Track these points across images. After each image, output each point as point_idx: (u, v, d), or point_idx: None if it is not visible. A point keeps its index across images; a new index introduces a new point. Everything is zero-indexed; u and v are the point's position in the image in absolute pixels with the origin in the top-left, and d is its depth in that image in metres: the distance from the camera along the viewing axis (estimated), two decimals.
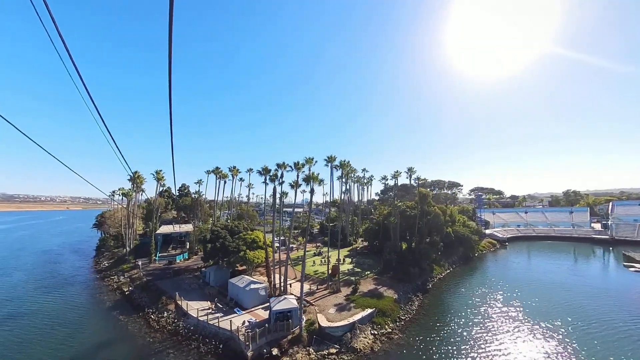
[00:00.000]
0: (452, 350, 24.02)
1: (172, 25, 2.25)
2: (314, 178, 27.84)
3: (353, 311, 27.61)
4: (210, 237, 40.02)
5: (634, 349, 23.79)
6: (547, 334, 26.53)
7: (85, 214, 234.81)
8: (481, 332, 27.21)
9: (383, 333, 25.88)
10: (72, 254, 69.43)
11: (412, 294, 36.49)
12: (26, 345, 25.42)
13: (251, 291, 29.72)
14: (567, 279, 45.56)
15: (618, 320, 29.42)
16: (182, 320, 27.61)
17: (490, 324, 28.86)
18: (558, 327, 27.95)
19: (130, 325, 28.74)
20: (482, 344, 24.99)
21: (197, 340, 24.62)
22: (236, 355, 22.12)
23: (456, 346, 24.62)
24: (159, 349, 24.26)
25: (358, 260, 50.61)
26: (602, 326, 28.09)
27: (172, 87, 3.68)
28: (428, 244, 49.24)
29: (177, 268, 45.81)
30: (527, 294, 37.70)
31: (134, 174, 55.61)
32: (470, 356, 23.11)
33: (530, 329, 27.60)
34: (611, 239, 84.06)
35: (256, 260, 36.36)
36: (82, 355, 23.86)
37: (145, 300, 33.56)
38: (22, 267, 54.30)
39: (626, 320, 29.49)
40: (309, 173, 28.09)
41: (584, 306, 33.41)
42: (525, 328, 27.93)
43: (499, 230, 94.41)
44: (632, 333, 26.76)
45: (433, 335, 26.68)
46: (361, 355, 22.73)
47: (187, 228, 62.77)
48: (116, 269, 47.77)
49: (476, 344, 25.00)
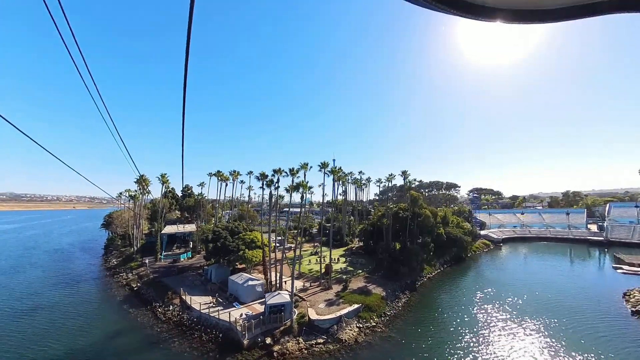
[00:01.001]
0: (432, 342, 26.47)
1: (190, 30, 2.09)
2: (304, 186, 30.54)
3: (341, 306, 30.24)
4: (212, 237, 42.87)
5: (597, 344, 25.83)
6: (520, 330, 28.70)
7: (91, 214, 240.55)
8: (461, 327, 29.61)
9: (368, 326, 28.43)
10: (82, 252, 73.01)
11: (399, 291, 38.96)
12: (46, 335, 28.42)
13: (249, 287, 32.50)
14: (553, 279, 47.36)
15: (591, 318, 31.27)
16: (186, 313, 30.53)
17: (471, 320, 31.24)
18: (532, 323, 30.08)
19: (140, 317, 31.74)
20: (460, 337, 27.39)
21: (200, 330, 27.51)
22: (234, 344, 24.89)
23: (436, 339, 27.07)
24: (166, 338, 27.18)
25: (352, 260, 53.18)
26: (573, 323, 30.02)
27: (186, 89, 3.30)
28: (419, 245, 51.62)
29: (182, 266, 48.88)
30: (511, 293, 39.85)
31: (140, 177, 58.73)
32: (447, 348, 25.55)
33: (505, 325, 29.91)
34: (606, 240, 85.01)
35: (254, 259, 39.14)
36: (98, 343, 26.80)
37: (152, 295, 36.57)
38: (37, 265, 57.84)
39: (597, 318, 31.41)
40: (299, 180, 30.76)
41: (562, 305, 35.17)
42: (501, 324, 30.25)
43: (494, 231, 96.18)
44: (598, 329, 28.82)
45: (415, 329, 29.19)
46: (345, 345, 25.33)
47: (191, 228, 65.76)
48: (125, 266, 50.93)
49: (455, 337, 27.39)
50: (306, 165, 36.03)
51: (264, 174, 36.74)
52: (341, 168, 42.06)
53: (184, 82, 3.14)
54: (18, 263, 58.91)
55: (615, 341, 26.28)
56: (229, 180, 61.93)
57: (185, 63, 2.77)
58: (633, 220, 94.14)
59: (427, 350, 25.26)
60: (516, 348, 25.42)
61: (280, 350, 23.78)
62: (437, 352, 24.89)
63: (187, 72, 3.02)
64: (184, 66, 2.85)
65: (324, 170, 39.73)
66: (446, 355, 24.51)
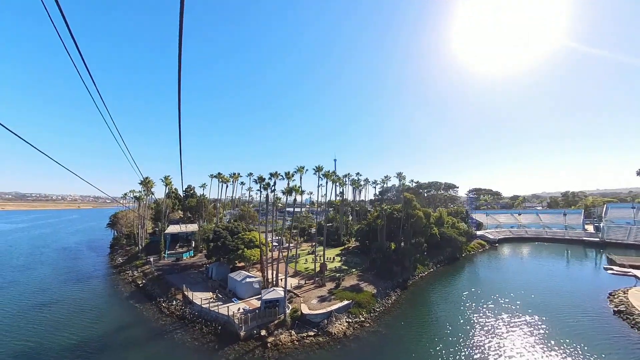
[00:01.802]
0: (416, 337, 28.45)
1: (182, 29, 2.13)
2: (297, 190, 32.56)
3: (332, 302, 32.25)
4: (213, 237, 45.10)
5: (575, 340, 27.10)
6: (501, 326, 30.32)
7: (96, 213, 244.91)
8: (445, 323, 31.46)
9: (356, 321, 30.41)
10: (89, 250, 75.78)
11: (390, 289, 40.85)
12: (60, 326, 30.77)
13: (246, 284, 34.65)
14: (541, 279, 48.51)
15: (573, 317, 32.50)
16: (188, 308, 32.76)
17: (455, 317, 33.03)
18: (514, 320, 31.67)
19: (145, 311, 34.06)
20: (443, 332, 29.30)
21: (200, 323, 29.73)
22: (231, 335, 27.04)
23: (420, 334, 29.02)
24: (169, 330, 29.43)
25: (347, 259, 55.13)
26: (554, 321, 31.41)
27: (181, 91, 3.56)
28: (411, 245, 53.44)
29: (184, 264, 51.23)
30: (498, 292, 41.42)
31: (145, 179, 61.22)
32: (430, 342, 27.41)
33: (487, 321, 31.67)
34: (601, 241, 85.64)
35: (252, 257, 41.29)
36: (107, 334, 29.09)
37: (156, 291, 38.91)
38: (48, 262, 60.61)
39: (579, 317, 32.64)
40: (294, 185, 32.76)
41: (547, 304, 36.35)
42: (483, 320, 32.03)
43: (491, 232, 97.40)
44: (578, 327, 30.17)
45: (402, 324, 31.11)
46: (334, 338, 27.34)
47: (193, 228, 68.11)
48: (130, 264, 53.41)
49: (438, 333, 29.31)
50: (302, 169, 38.06)
51: (261, 177, 38.88)
52: (335, 172, 44.02)
53: (178, 86, 3.43)
54: (30, 261, 61.74)
55: (592, 338, 27.53)
56: (229, 182, 64.10)
57: (178, 68, 3.13)
58: (630, 221, 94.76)
59: (411, 343, 27.20)
60: (494, 343, 27.07)
61: (274, 342, 25.87)
62: (420, 345, 26.80)
63: (181, 74, 3.35)
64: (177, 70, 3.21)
65: (318, 173, 41.78)
66: (428, 348, 26.39)
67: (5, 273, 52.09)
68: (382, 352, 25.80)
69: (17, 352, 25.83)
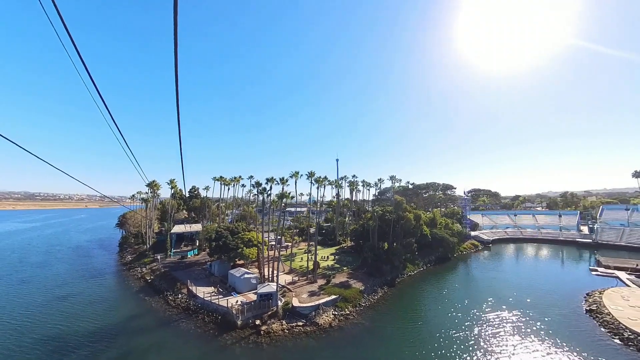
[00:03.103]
0: (396, 329, 31.52)
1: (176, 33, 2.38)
2: (287, 195, 36.00)
3: (321, 297, 35.62)
4: (215, 236, 48.71)
5: (542, 336, 29.50)
6: (474, 322, 32.75)
7: (103, 212, 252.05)
8: (425, 317, 34.65)
9: (342, 314, 33.72)
10: (99, 249, 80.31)
11: (378, 287, 44.02)
12: (78, 316, 34.63)
13: (245, 279, 38.23)
14: (526, 279, 50.35)
15: (545, 315, 34.09)
16: (192, 300, 36.50)
17: (434, 312, 36.15)
18: (489, 316, 34.16)
19: (153, 304, 37.91)
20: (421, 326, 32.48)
21: (203, 314, 33.44)
22: (230, 324, 30.62)
23: (400, 327, 32.12)
24: (175, 320, 33.17)
25: (341, 258, 58.41)
26: (526, 318, 33.49)
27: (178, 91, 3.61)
28: (402, 245, 56.47)
29: (189, 262, 55.11)
30: (480, 290, 44.21)
31: (151, 183, 65.35)
32: (407, 334, 30.56)
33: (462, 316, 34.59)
34: (594, 242, 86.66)
35: (251, 256, 44.84)
36: (120, 323, 32.88)
37: (164, 286, 42.77)
38: (63, 260, 65.10)
39: (552, 315, 34.38)
40: (285, 191, 36.26)
41: (524, 302, 38.27)
42: (460, 314, 35.02)
43: (486, 232, 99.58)
44: (548, 324, 32.15)
45: (384, 318, 34.24)
46: (321, 328, 30.71)
47: (197, 228, 71.99)
48: (139, 262, 57.44)
49: (416, 326, 32.43)
50: (297, 174, 41.50)
51: (258, 183, 42.52)
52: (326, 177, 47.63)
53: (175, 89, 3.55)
54: (47, 258, 66.35)
55: (559, 334, 29.61)
56: (230, 184, 67.83)
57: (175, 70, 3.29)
58: (624, 222, 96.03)
59: (390, 334, 30.40)
60: (464, 336, 29.78)
61: (267, 330, 29.37)
62: (398, 337, 29.95)
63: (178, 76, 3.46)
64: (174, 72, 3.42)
65: (311, 179, 45.19)
66: (405, 339, 29.54)
67: (27, 269, 56.63)
68: (362, 341, 29.04)
69: (47, 336, 29.78)
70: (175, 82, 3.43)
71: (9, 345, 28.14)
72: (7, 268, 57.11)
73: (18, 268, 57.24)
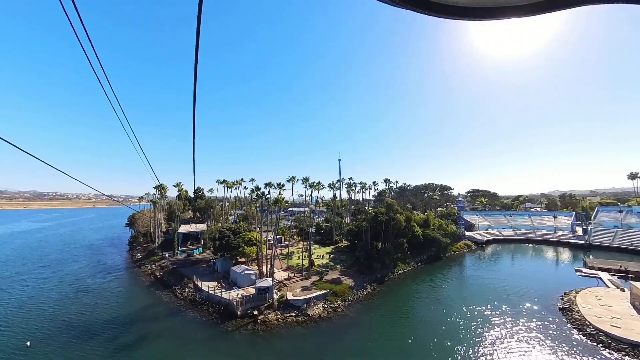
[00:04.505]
0: (378, 321, 35.18)
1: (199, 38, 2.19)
2: (281, 200, 39.90)
3: (313, 291, 39.49)
4: (218, 236, 52.90)
5: (512, 332, 33.07)
6: (451, 317, 35.29)
7: (112, 212, 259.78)
8: (407, 311, 38.16)
9: (331, 307, 37.50)
10: (110, 247, 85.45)
11: (368, 283, 47.63)
12: (97, 307, 39.08)
13: (245, 275, 42.32)
14: (509, 278, 52.24)
15: (519, 313, 36.02)
16: (197, 294, 40.78)
17: (417, 307, 39.64)
18: (466, 312, 36.80)
19: (163, 297, 42.28)
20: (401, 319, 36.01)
21: (207, 305, 37.71)
22: (231, 314, 34.74)
23: (382, 319, 35.77)
24: (183, 310, 37.45)
25: (336, 256, 62.19)
26: (501, 315, 35.73)
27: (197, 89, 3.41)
28: (393, 245, 59.97)
29: (194, 259, 59.52)
30: (463, 287, 47.23)
31: (160, 185, 69.98)
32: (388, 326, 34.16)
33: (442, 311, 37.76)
34: (586, 244, 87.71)
35: (251, 254, 48.94)
36: (133, 313, 37.21)
37: (172, 281, 47.18)
38: (78, 258, 70.21)
39: (526, 313, 36.14)
40: (277, 196, 40.27)
41: (503, 299, 40.41)
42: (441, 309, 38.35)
43: (480, 233, 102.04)
44: (520, 321, 34.79)
45: (369, 311, 37.85)
46: (311, 318, 34.58)
47: (202, 228, 76.40)
48: (148, 259, 62.08)
49: (397, 319, 35.95)
50: (293, 179, 45.43)
51: (257, 187, 46.61)
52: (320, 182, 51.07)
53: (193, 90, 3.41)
54: (63, 256, 71.55)
55: (530, 330, 31.98)
56: (233, 187, 72.10)
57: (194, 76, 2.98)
58: (618, 224, 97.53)
59: (373, 326, 34.05)
60: (440, 330, 32.32)
61: (263, 319, 33.39)
62: (380, 328, 33.58)
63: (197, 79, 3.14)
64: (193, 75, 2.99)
65: (306, 183, 49.01)
66: (386, 330, 33.20)
67: (48, 265, 61.76)
68: (347, 331, 32.79)
69: (74, 322, 34.31)
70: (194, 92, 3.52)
71: (46, 330, 32.63)
72: (30, 265, 62.34)
73: (40, 265, 62.43)
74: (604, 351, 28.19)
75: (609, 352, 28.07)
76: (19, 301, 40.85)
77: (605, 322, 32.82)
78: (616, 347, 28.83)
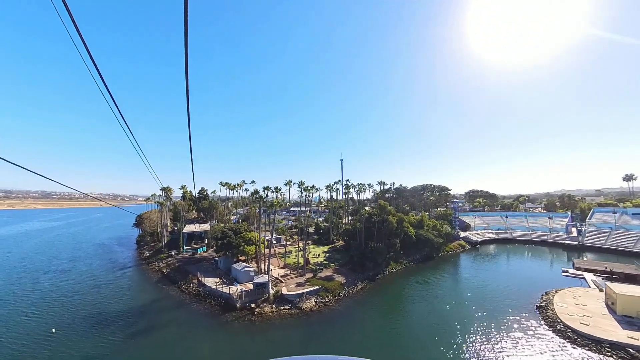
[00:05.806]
0: (365, 315, 38.40)
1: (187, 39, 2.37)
2: (276, 204, 43.43)
3: (306, 287, 42.94)
4: (221, 235, 56.66)
5: (488, 328, 36.71)
6: (433, 313, 38.18)
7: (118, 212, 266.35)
8: (394, 307, 41.36)
9: (322, 302, 40.88)
10: (119, 246, 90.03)
11: (359, 281, 50.87)
12: (110, 300, 43.04)
13: (244, 272, 45.99)
14: (496, 277, 54.87)
15: (498, 310, 37.87)
16: (201, 288, 44.57)
17: (403, 303, 42.82)
18: (447, 309, 39.63)
19: (170, 291, 46.19)
20: (386, 314, 39.34)
21: (210, 299, 41.45)
22: (231, 306, 38.41)
23: (369, 313, 39.00)
24: (188, 303, 41.26)
25: (331, 256, 65.54)
26: (481, 312, 39.18)
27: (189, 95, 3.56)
28: (386, 244, 63.10)
29: (199, 257, 63.45)
30: (450, 285, 50.12)
31: (165, 188, 74.03)
32: (374, 319, 37.50)
33: (426, 307, 41.22)
34: (580, 245, 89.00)
35: (251, 253, 52.61)
36: (143, 305, 41.09)
37: (178, 277, 51.11)
38: (90, 255, 74.75)
39: (505, 310, 38.05)
40: (272, 200, 43.68)
41: (484, 298, 42.62)
42: (424, 304, 41.64)
43: (476, 233, 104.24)
44: (498, 318, 39.24)
45: (357, 306, 41.14)
46: (303, 311, 38.03)
47: (206, 227, 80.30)
48: (155, 257, 66.19)
49: (384, 313, 39.35)
50: (290, 182, 48.94)
51: (256, 191, 50.23)
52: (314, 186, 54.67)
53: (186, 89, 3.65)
54: (76, 254, 76.19)
55: (506, 326, 34.10)
56: (235, 189, 75.90)
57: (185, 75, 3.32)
58: (612, 225, 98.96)
59: (360, 319, 37.20)
60: (421, 324, 35.38)
61: (259, 311, 36.98)
62: (367, 321, 36.71)
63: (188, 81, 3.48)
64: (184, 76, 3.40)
65: (301, 187, 52.48)
66: (373, 323, 36.44)
67: (63, 263, 66.31)
68: (335, 323, 36.08)
69: (91, 313, 38.36)
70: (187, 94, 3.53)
71: (68, 319, 36.62)
72: (48, 261, 67.00)
73: (57, 261, 67.05)
74: (568, 346, 30.30)
75: (573, 347, 30.16)
76: (43, 293, 45.17)
77: (575, 320, 34.94)
78: (581, 342, 30.89)
